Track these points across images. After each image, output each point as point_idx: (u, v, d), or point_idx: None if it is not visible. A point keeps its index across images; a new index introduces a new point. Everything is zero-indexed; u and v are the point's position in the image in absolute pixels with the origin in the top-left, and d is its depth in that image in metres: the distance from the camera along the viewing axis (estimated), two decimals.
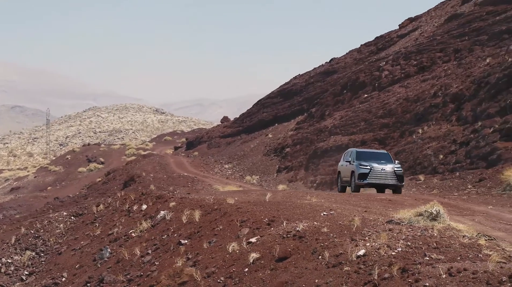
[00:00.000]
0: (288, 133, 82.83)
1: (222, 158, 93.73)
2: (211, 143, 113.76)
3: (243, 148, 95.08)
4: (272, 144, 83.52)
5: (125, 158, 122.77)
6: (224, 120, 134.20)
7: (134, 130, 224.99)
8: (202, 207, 26.00)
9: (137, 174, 69.13)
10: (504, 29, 55.32)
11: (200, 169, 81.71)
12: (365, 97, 67.21)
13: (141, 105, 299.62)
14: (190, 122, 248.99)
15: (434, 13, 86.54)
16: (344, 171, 33.93)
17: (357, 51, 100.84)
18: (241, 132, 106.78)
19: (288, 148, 74.16)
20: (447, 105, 47.77)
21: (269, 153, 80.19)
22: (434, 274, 14.23)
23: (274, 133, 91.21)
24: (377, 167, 31.58)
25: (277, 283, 16.74)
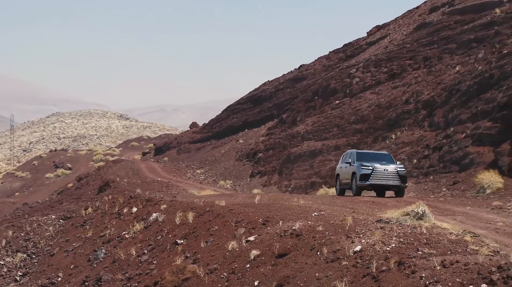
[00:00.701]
0: (260, 139, 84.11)
1: (193, 163, 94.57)
2: (180, 148, 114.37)
3: (214, 153, 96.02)
4: (244, 149, 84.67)
5: (92, 164, 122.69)
6: (193, 126, 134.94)
7: (99, 136, 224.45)
8: (194, 209, 27.00)
9: (111, 179, 69.66)
10: (472, 38, 57.23)
11: (172, 174, 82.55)
12: (336, 104, 68.71)
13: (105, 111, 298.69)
14: (154, 128, 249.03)
15: (402, 21, 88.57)
16: (344, 173, 33.18)
17: (326, 58, 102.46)
18: (211, 138, 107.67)
19: (261, 153, 75.38)
20: (419, 111, 49.43)
21: (241, 158, 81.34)
22: (429, 266, 15.45)
23: (245, 139, 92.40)
24: (379, 167, 30.89)
25: (279, 277, 17.83)
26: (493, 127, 37.83)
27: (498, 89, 40.01)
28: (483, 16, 59.89)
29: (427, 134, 44.65)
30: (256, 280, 18.28)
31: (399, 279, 15.30)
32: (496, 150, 35.95)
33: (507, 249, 17.48)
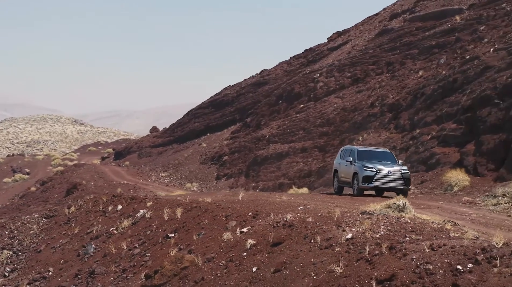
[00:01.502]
0: (224, 143, 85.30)
1: (156, 167, 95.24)
2: (141, 153, 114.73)
3: (177, 157, 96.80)
4: (208, 152, 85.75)
5: (51, 168, 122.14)
6: (154, 131, 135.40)
7: (53, 141, 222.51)
8: (181, 205, 28.13)
9: (78, 182, 70.04)
10: (434, 44, 59.39)
11: (137, 177, 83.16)
12: (301, 107, 70.30)
13: (59, 116, 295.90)
14: (110, 133, 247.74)
15: (363, 27, 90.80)
16: (344, 171, 32.05)
17: (287, 63, 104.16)
18: (173, 142, 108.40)
19: (226, 156, 76.57)
20: (385, 114, 51.24)
21: (206, 161, 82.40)
22: (418, 249, 16.90)
23: (208, 143, 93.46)
24: (383, 169, 29.69)
25: (276, 263, 19.11)
26: (457, 129, 39.68)
27: (462, 93, 41.95)
28: (444, 23, 62.18)
29: (393, 136, 46.42)
30: (254, 267, 19.52)
31: (392, 261, 16.68)
32: (461, 150, 37.78)
33: (484, 236, 19.02)
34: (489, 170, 34.65)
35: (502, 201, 26.08)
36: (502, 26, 50.15)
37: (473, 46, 50.52)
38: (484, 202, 27.37)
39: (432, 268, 15.76)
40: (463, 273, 15.30)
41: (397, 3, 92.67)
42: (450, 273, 15.45)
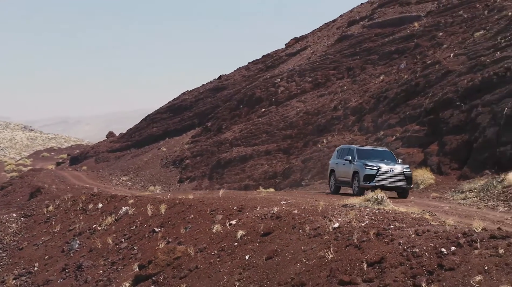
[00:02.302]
0: (185, 147, 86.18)
1: (115, 171, 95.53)
2: (98, 157, 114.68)
3: (136, 161, 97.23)
4: (169, 156, 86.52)
5: (5, 174, 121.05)
6: (110, 136, 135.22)
7: (3, 148, 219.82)
8: (163, 202, 29.09)
9: (41, 186, 70.12)
10: (393, 49, 61.39)
11: (98, 181, 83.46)
12: (263, 112, 71.66)
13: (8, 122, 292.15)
14: (60, 139, 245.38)
15: (320, 33, 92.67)
16: (342, 170, 31.29)
17: (246, 69, 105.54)
18: (131, 147, 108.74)
19: (188, 160, 77.48)
20: (348, 117, 52.87)
21: (167, 164, 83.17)
22: (404, 235, 18.25)
23: (168, 147, 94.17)
24: (385, 167, 29.25)
25: (268, 251, 20.26)
26: (421, 131, 41.43)
27: (425, 96, 43.75)
28: (403, 30, 64.26)
29: (357, 138, 47.99)
30: (246, 255, 20.65)
31: (380, 246, 17.99)
32: (425, 151, 39.51)
33: (460, 224, 20.49)
34: (453, 169, 36.38)
35: (470, 195, 27.69)
36: (460, 33, 52.28)
37: (433, 51, 52.56)
38: (453, 197, 28.94)
39: (418, 251, 17.08)
40: (447, 255, 16.63)
41: (353, 10, 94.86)
42: (435, 255, 16.78)
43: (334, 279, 17.26)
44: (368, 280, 16.75)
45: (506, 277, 15.20)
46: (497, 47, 41.05)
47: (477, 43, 44.55)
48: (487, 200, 26.03)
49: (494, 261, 15.94)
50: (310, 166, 48.61)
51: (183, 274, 21.12)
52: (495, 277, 15.34)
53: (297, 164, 51.44)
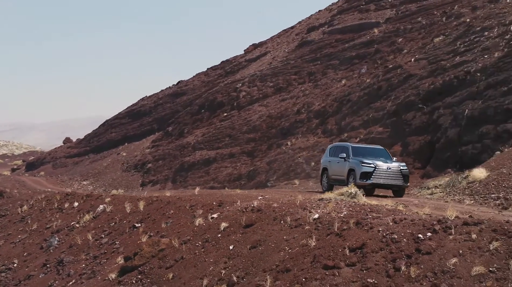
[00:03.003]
0: (146, 151, 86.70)
1: (74, 176, 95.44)
2: (56, 163, 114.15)
3: (95, 166, 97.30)
4: (130, 161, 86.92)
5: None
6: (67, 141, 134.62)
7: None
8: (141, 199, 29.85)
9: (3, 190, 69.94)
10: (354, 55, 63.02)
11: (58, 185, 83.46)
12: (225, 116, 72.66)
13: None
14: (12, 146, 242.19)
15: (279, 39, 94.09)
16: (336, 169, 30.62)
17: (205, 75, 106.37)
18: (89, 152, 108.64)
19: (150, 164, 78.04)
20: (312, 120, 54.18)
21: (128, 169, 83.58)
22: (383, 223, 19.42)
23: (128, 152, 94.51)
24: (382, 165, 28.54)
25: (251, 241, 21.24)
26: (384, 132, 42.90)
27: (387, 99, 45.28)
28: (363, 36, 65.99)
29: (321, 140, 49.28)
30: (231, 245, 21.59)
31: (360, 233, 19.13)
32: (389, 151, 40.92)
33: (434, 214, 21.75)
34: (416, 168, 37.86)
35: (436, 191, 29.06)
36: (419, 39, 54.09)
37: (393, 56, 54.27)
38: (420, 193, 30.30)
39: (397, 237, 18.27)
40: (424, 240, 17.84)
41: (312, 17, 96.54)
42: (412, 241, 17.98)
43: (318, 264, 18.31)
44: (351, 264, 17.87)
45: (480, 260, 16.46)
46: (457, 52, 42.79)
47: (437, 48, 46.30)
48: (454, 195, 27.40)
49: (467, 245, 17.19)
50: (275, 168, 49.75)
51: (169, 264, 21.95)
52: (469, 260, 16.58)
53: (262, 166, 52.53)
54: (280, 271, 18.87)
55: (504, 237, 17.27)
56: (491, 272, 15.99)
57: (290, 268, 18.77)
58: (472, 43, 42.25)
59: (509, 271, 15.87)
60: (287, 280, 18.18)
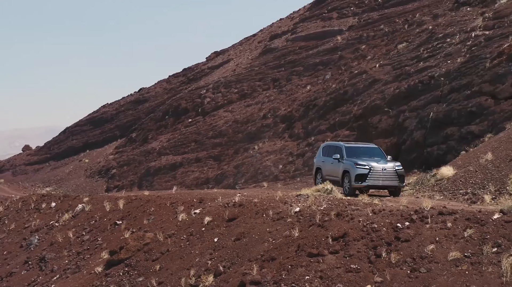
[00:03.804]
0: (109, 157, 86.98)
1: (36, 183, 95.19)
2: (16, 171, 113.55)
3: (57, 173, 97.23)
4: (94, 167, 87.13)
5: None
6: (26, 149, 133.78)
7: None
8: (120, 199, 30.51)
9: None
10: (318, 61, 64.43)
11: (21, 192, 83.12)
12: (189, 122, 73.44)
13: None
14: None
15: (242, 47, 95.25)
16: (330, 169, 29.73)
17: (166, 82, 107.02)
18: (49, 159, 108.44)
19: (115, 169, 78.38)
20: (278, 125, 55.33)
21: (92, 175, 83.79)
22: (363, 214, 20.51)
23: (91, 158, 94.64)
24: (377, 166, 27.55)
25: (235, 233, 22.12)
26: (351, 135, 44.21)
27: (353, 103, 46.65)
28: (326, 43, 67.46)
29: (288, 144, 50.44)
30: (215, 238, 22.46)
31: (341, 224, 20.17)
32: None
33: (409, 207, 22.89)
34: None
35: (406, 188, 30.28)
36: (382, 45, 55.71)
37: (357, 63, 55.78)
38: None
39: (377, 226, 19.37)
40: (402, 229, 18.96)
41: (274, 25, 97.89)
42: (392, 230, 19.09)
43: (303, 252, 19.29)
44: (334, 251, 18.90)
45: (455, 246, 17.63)
46: (420, 58, 44.35)
47: (401, 54, 47.86)
48: (423, 192, 28.66)
49: (443, 233, 18.36)
50: (243, 171, 50.71)
51: (155, 257, 22.72)
52: (446, 246, 17.76)
53: (230, 170, 53.44)
54: (265, 260, 19.78)
55: (477, 225, 18.40)
56: (466, 257, 17.12)
57: (275, 257, 19.68)
58: (435, 49, 43.84)
59: (482, 255, 17.01)
60: (273, 268, 19.10)
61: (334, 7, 76.26)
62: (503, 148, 28.73)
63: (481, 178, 26.81)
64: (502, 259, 16.48)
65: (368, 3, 71.02)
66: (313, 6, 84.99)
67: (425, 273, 17.06)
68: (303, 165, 46.01)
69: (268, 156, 50.84)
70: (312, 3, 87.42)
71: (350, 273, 17.88)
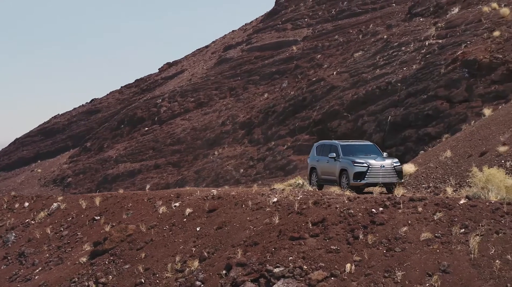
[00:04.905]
0: (64, 166, 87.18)
1: None
2: None
3: (8, 183, 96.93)
4: (48, 176, 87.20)
5: None
6: None
7: None
8: (95, 197, 31.33)
9: None
10: (274, 70, 66.24)
11: None
12: (146, 130, 74.39)
13: None
14: None
15: (195, 58, 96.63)
16: (326, 168, 29.36)
17: (119, 92, 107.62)
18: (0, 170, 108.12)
19: (70, 178, 78.75)
20: (237, 131, 56.79)
21: (47, 183, 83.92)
22: (339, 201, 21.95)
23: (43, 168, 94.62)
24: (375, 163, 27.28)
25: (217, 223, 23.31)
26: (311, 139, 45.90)
27: (312, 109, 48.39)
28: (282, 53, 69.37)
29: (249, 149, 51.91)
30: (197, 227, 23.63)
31: (320, 211, 21.59)
32: None
33: (382, 195, 24.43)
34: None
35: None
36: (337, 55, 57.77)
37: (313, 71, 57.71)
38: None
39: (353, 212, 20.84)
40: (377, 214, 20.48)
41: (226, 37, 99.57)
42: (367, 215, 20.59)
43: (285, 236, 20.63)
44: (315, 235, 20.29)
45: (426, 228, 19.23)
46: (377, 65, 46.39)
47: (358, 62, 49.89)
48: None
49: (415, 216, 19.95)
50: (204, 175, 51.93)
51: (140, 246, 23.77)
52: (417, 228, 19.34)
53: (190, 175, 54.59)
54: (248, 245, 21.05)
55: (445, 209, 20.03)
56: (436, 237, 18.72)
57: (258, 241, 20.97)
58: (390, 57, 45.94)
59: (451, 236, 18.65)
60: (257, 251, 20.38)
61: (288, 19, 78.29)
62: (461, 146, 30.67)
63: (442, 173, 28.60)
64: (469, 239, 18.08)
65: (322, 14, 73.24)
66: (266, 17, 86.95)
67: (400, 252, 18.55)
68: (264, 168, 47.47)
69: (228, 161, 52.18)
70: (265, 15, 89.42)
71: (330, 254, 19.25)
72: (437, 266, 17.80)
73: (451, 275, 17.47)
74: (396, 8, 61.46)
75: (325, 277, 18.54)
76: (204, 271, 20.75)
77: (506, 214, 19.26)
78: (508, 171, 24.98)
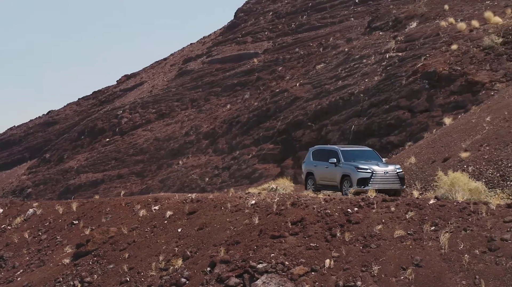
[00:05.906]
0: (22, 177, 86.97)
1: None
2: None
3: None
4: (6, 187, 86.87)
5: None
6: None
7: None
8: (70, 203, 31.97)
9: None
10: (236, 82, 67.50)
11: None
12: (107, 141, 74.91)
13: None
14: None
15: (154, 70, 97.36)
16: (325, 174, 29.00)
17: (76, 104, 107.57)
18: None
19: (30, 189, 78.71)
20: (201, 141, 57.82)
21: (6, 195, 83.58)
22: (316, 202, 23.17)
23: (0, 180, 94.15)
24: (378, 169, 27.09)
25: (198, 224, 24.29)
26: (275, 149, 47.21)
27: (276, 119, 49.72)
28: (243, 65, 70.70)
29: (213, 158, 52.95)
30: (179, 228, 24.59)
31: (298, 211, 22.79)
32: (281, 165, 45.25)
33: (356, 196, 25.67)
34: None
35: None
36: (299, 67, 59.29)
37: (276, 83, 59.12)
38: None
39: (330, 212, 22.10)
40: (352, 213, 21.77)
41: (185, 49, 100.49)
42: (343, 214, 21.87)
43: (266, 235, 21.76)
44: (294, 233, 21.48)
45: (399, 226, 20.60)
46: (339, 77, 47.97)
47: (320, 74, 51.44)
48: None
49: (388, 215, 21.31)
50: (170, 184, 52.76)
51: (122, 247, 24.62)
52: (391, 226, 20.70)
53: (155, 184, 55.34)
54: (230, 244, 22.12)
55: (416, 208, 21.43)
56: (409, 234, 20.14)
57: (240, 241, 22.05)
58: (352, 69, 47.58)
59: (423, 233, 20.07)
60: (240, 250, 21.47)
61: (248, 32, 79.74)
62: (425, 152, 32.26)
63: (407, 178, 29.99)
64: (440, 235, 19.52)
65: (282, 28, 74.86)
66: (226, 31, 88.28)
67: (375, 248, 19.88)
68: (229, 177, 48.53)
69: (193, 170, 53.11)
70: (224, 28, 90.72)
71: (310, 250, 20.47)
72: (410, 260, 19.17)
73: (423, 268, 18.87)
74: (354, 22, 63.37)
75: (306, 272, 19.75)
76: (188, 268, 21.72)
77: (472, 213, 20.75)
78: (470, 175, 26.50)
